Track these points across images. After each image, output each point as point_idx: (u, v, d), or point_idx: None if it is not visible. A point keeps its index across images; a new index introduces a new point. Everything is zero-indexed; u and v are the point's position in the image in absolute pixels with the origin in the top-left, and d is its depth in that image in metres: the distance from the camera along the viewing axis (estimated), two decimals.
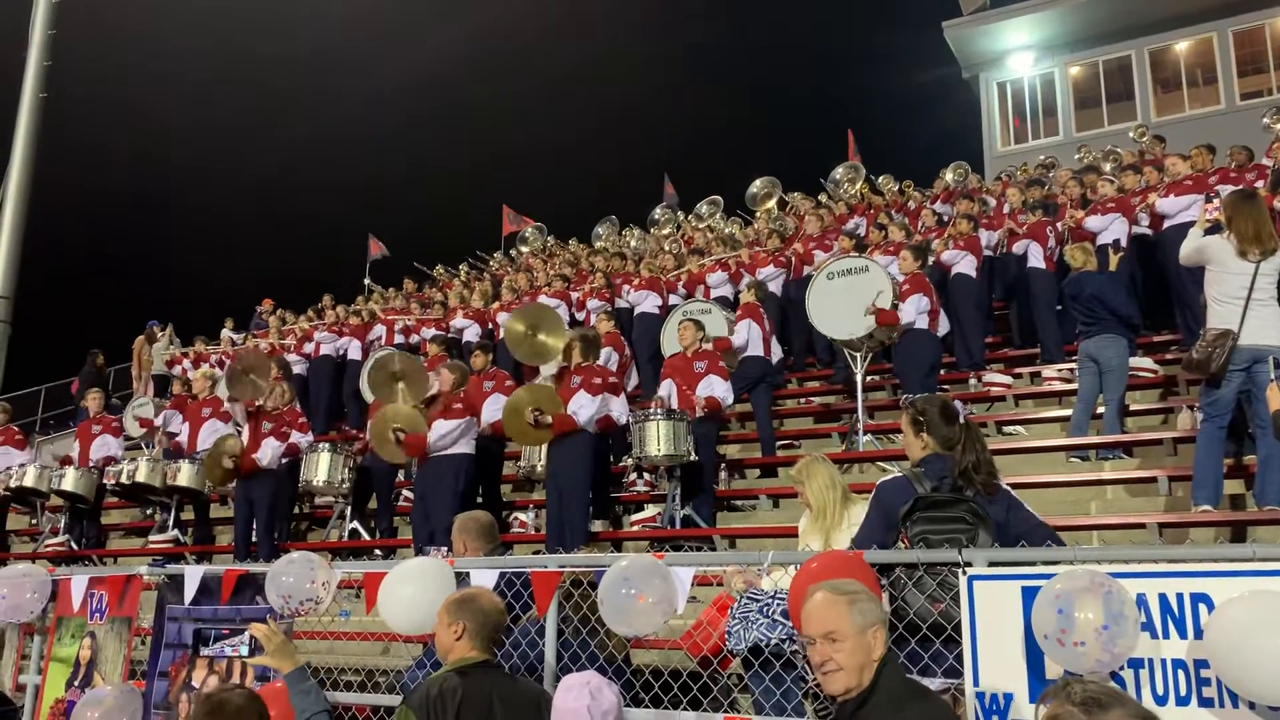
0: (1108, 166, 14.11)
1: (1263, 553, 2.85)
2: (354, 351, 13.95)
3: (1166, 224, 9.94)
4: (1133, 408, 8.43)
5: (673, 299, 12.45)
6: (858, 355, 9.16)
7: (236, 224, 42.17)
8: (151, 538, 10.89)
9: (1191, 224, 7.10)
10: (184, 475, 10.38)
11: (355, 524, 9.70)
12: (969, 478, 3.79)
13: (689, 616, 4.66)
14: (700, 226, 17.23)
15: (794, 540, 5.37)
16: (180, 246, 40.59)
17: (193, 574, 4.79)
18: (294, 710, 3.48)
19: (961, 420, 3.96)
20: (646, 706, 3.99)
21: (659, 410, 8.17)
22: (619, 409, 8.36)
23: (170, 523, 10.79)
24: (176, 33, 40.07)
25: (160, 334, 18.13)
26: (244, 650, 4.53)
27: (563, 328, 8.44)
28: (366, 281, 20.43)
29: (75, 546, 11.11)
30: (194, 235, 41.28)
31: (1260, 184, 9.91)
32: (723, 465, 9.22)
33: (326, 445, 9.77)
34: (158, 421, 12.14)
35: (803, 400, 11.32)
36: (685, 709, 3.90)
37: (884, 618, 2.90)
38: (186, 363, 16.41)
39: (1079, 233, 10.21)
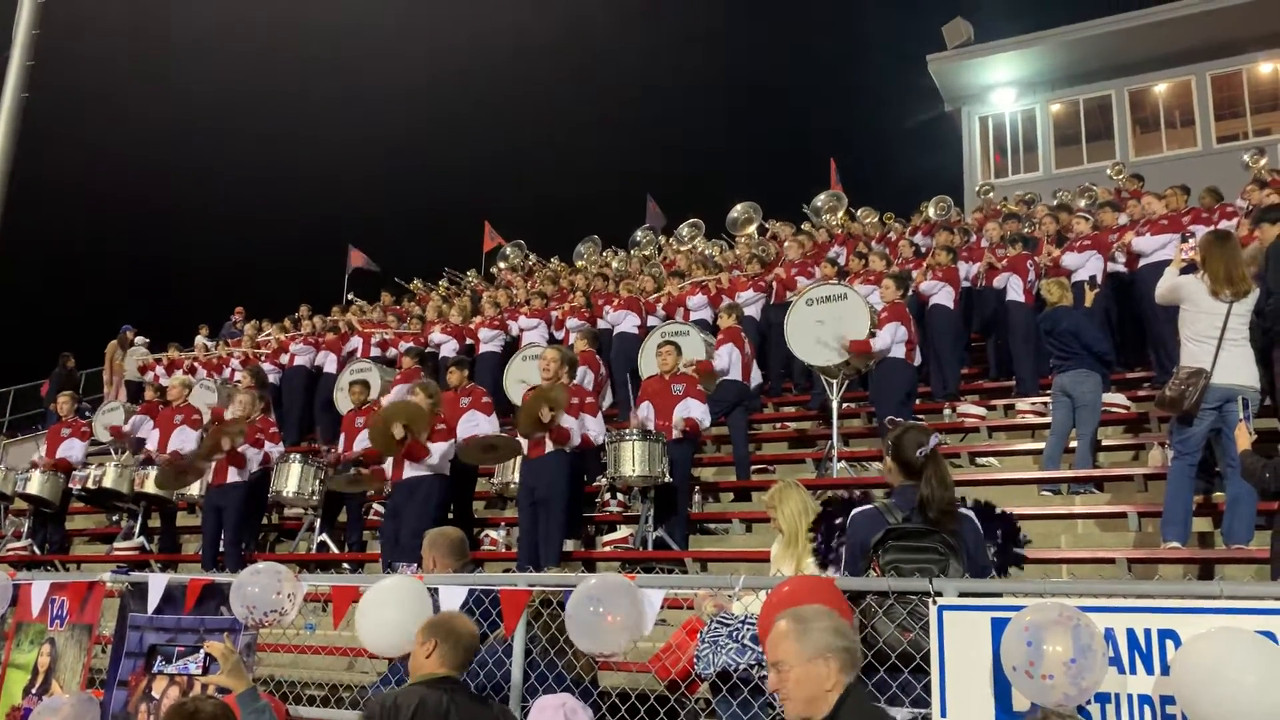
0: (1082, 203, 14.26)
1: (1230, 591, 2.87)
2: (329, 365, 13.80)
3: (1142, 262, 10.04)
4: (1105, 443, 8.48)
5: (651, 320, 12.44)
6: (834, 382, 9.19)
7: (213, 229, 41.91)
8: (116, 545, 10.75)
9: (1167, 263, 7.17)
10: (152, 482, 10.26)
11: (324, 537, 9.59)
12: (925, 510, 3.72)
13: (658, 639, 4.64)
14: (681, 250, 17.26)
15: (766, 565, 5.36)
16: (155, 249, 40.25)
17: (157, 583, 4.74)
18: None
19: (921, 453, 3.80)
20: None
21: (635, 431, 8.15)
22: (595, 428, 8.33)
23: (136, 530, 10.67)
24: (159, 31, 39.96)
25: (133, 339, 17.95)
26: (194, 668, 4.46)
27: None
28: (351, 295, 20.30)
29: (38, 551, 10.93)
30: (169, 238, 40.95)
31: (1234, 223, 10.02)
32: (697, 488, 9.20)
33: (298, 456, 9.69)
34: (126, 427, 12.00)
35: (778, 425, 11.33)
36: None
37: (840, 647, 2.76)
38: (160, 369, 16.23)
39: (1055, 269, 10.31)
